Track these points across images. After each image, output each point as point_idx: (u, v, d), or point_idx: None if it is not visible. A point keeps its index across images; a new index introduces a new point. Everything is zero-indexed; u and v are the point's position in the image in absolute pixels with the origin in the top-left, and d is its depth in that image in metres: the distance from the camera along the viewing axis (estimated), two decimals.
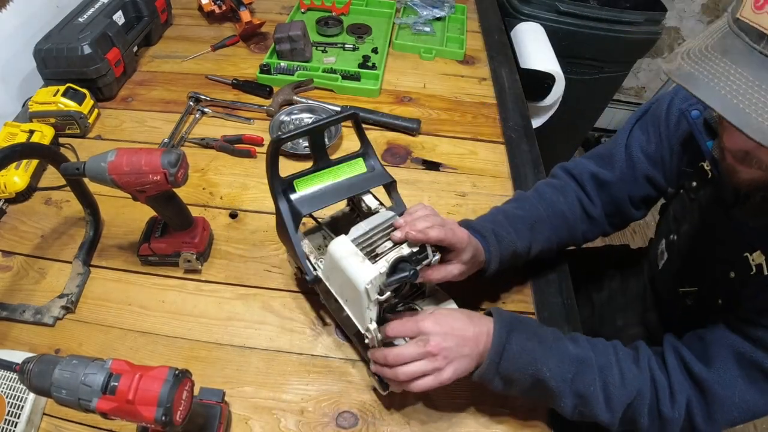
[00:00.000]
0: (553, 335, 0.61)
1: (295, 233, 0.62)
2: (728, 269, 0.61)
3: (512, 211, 0.73)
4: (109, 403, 0.45)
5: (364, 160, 0.66)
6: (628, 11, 1.55)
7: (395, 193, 0.67)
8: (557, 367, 0.57)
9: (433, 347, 0.55)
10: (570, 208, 0.76)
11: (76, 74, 1.00)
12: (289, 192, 0.62)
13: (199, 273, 0.79)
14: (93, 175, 0.64)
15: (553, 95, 1.37)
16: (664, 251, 0.79)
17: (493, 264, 0.67)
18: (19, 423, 0.60)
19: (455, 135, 1.05)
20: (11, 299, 0.74)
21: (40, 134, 0.92)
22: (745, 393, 0.55)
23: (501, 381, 0.59)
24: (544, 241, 0.73)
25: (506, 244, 0.68)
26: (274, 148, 0.59)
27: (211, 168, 0.95)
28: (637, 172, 0.74)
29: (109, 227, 0.85)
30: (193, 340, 0.71)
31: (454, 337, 0.57)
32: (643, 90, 2.34)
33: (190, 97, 1.07)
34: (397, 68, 1.21)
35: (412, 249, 0.57)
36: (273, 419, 0.64)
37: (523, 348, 0.58)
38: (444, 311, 0.60)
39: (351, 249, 0.57)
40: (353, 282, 0.55)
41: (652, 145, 0.73)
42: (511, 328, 0.58)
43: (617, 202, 0.77)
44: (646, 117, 0.75)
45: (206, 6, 1.28)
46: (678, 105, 0.70)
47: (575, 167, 0.80)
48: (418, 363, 0.56)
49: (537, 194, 0.77)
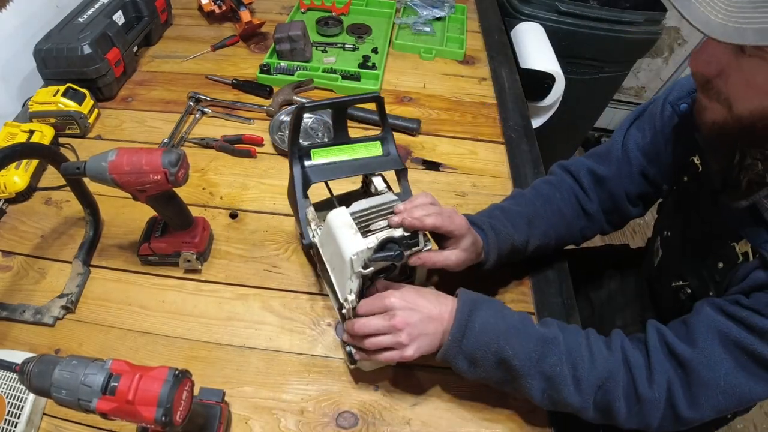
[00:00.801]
0: (520, 316, 0.61)
1: (302, 197, 0.65)
2: (717, 260, 0.62)
3: (509, 207, 0.74)
4: (109, 403, 0.45)
5: (382, 144, 0.69)
6: (628, 11, 1.55)
7: (405, 181, 0.69)
8: (521, 345, 0.57)
9: (398, 322, 0.57)
10: (566, 204, 0.76)
11: (76, 74, 1.00)
12: (305, 159, 0.65)
13: (199, 273, 0.79)
14: (93, 175, 0.64)
15: (553, 95, 1.37)
16: (659, 248, 0.80)
17: (492, 256, 0.68)
18: (19, 423, 0.60)
19: (455, 135, 1.05)
20: (11, 299, 0.74)
21: (40, 134, 0.92)
22: (731, 376, 0.53)
23: (465, 360, 0.59)
24: (541, 235, 0.73)
25: (504, 237, 0.69)
26: (298, 115, 0.62)
27: (211, 168, 0.95)
28: (633, 168, 0.75)
29: (109, 227, 0.85)
30: (193, 340, 0.71)
31: (419, 313, 0.59)
32: (643, 90, 2.34)
33: (190, 97, 1.07)
34: (397, 68, 1.21)
35: (404, 233, 0.59)
36: (273, 419, 0.64)
37: (486, 325, 0.58)
38: (411, 288, 0.61)
39: (347, 221, 0.60)
40: (341, 251, 0.58)
41: (648, 141, 0.74)
42: (474, 306, 0.59)
43: (614, 198, 0.77)
44: (643, 116, 0.76)
45: (206, 6, 1.28)
46: (670, 101, 0.71)
47: (572, 164, 0.80)
48: (383, 337, 0.59)
49: (534, 191, 0.78)
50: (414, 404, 0.66)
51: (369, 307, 0.61)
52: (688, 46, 2.12)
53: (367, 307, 0.61)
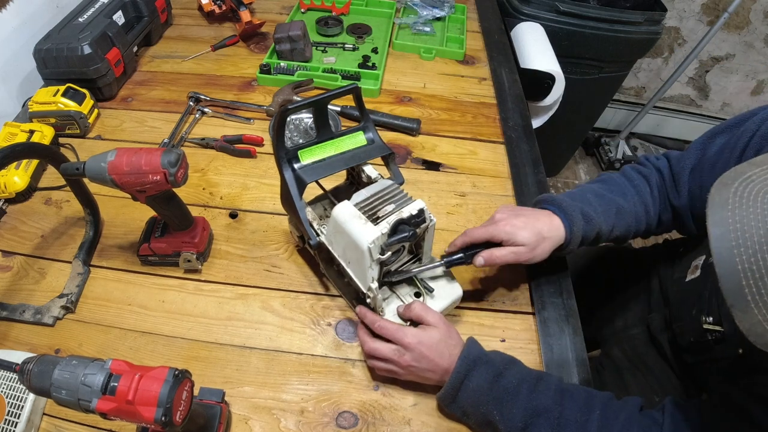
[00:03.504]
0: (519, 378, 0.59)
1: (300, 200, 0.65)
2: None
3: (603, 193, 0.72)
4: (109, 403, 0.45)
5: (364, 132, 0.70)
6: (628, 11, 1.55)
7: (393, 164, 0.71)
8: (509, 413, 0.57)
9: (404, 361, 0.61)
10: (653, 199, 0.73)
11: (76, 74, 1.00)
12: (294, 162, 0.65)
13: (199, 273, 0.79)
14: (93, 175, 0.64)
15: (553, 95, 1.37)
16: (699, 268, 0.75)
17: (575, 243, 0.69)
18: (19, 423, 0.60)
19: (455, 135, 1.05)
20: (11, 299, 0.74)
21: (40, 134, 0.92)
22: None
23: (459, 410, 0.62)
24: (625, 227, 0.72)
25: (593, 225, 0.68)
26: (281, 118, 0.62)
27: (211, 168, 0.95)
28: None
29: (109, 227, 0.85)
30: (193, 340, 0.71)
31: (427, 362, 0.61)
32: (643, 90, 2.34)
33: (190, 97, 1.07)
34: (397, 68, 1.21)
35: (411, 212, 0.61)
36: (273, 419, 0.64)
37: (478, 389, 0.59)
38: (436, 333, 0.62)
39: (354, 212, 0.61)
40: (356, 242, 0.59)
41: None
42: (473, 366, 0.60)
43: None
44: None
45: (206, 6, 1.28)
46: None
47: (677, 156, 0.74)
48: (385, 363, 0.63)
49: (625, 179, 0.75)
50: (414, 404, 0.66)
51: (389, 333, 0.62)
52: (688, 46, 2.12)
53: (388, 332, 0.62)
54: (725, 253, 0.38)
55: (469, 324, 0.74)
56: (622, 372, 0.84)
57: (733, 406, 0.54)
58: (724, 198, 0.40)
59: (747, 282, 0.37)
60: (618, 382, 0.83)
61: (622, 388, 0.82)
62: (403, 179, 0.70)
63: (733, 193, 0.40)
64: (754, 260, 0.37)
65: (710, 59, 2.18)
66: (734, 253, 0.38)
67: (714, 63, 2.19)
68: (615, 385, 0.83)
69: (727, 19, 1.77)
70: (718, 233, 0.39)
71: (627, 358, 0.85)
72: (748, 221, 0.38)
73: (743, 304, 0.37)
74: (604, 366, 0.88)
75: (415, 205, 0.62)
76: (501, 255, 0.66)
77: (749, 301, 0.37)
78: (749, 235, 0.38)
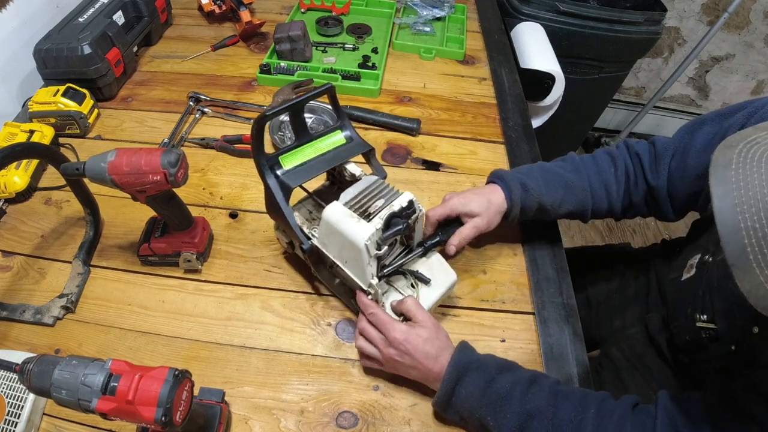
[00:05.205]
0: (512, 381, 0.59)
1: (287, 206, 0.65)
2: (752, 324, 0.57)
3: (550, 168, 0.76)
4: (109, 403, 0.45)
5: (342, 131, 0.70)
6: (628, 11, 1.55)
7: (374, 159, 0.72)
8: (503, 417, 0.57)
9: (386, 354, 0.62)
10: (617, 179, 0.74)
11: (76, 74, 1.00)
12: (276, 168, 0.65)
13: (199, 273, 0.79)
14: (93, 175, 0.64)
15: (553, 95, 1.37)
16: (694, 266, 0.75)
17: (515, 209, 0.73)
18: (19, 423, 0.60)
19: (455, 135, 1.05)
20: (11, 299, 0.74)
21: (40, 134, 0.92)
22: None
23: (456, 415, 0.62)
24: (577, 203, 0.74)
25: (532, 195, 0.73)
26: (259, 126, 0.61)
27: (211, 168, 0.95)
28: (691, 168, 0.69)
29: (109, 227, 0.85)
30: (193, 340, 0.71)
31: (410, 359, 0.61)
32: (643, 90, 2.34)
33: (190, 97, 1.07)
34: (397, 68, 1.21)
35: (401, 205, 0.62)
36: (273, 419, 0.64)
37: (469, 396, 0.59)
38: (425, 332, 0.62)
39: (345, 212, 0.61)
40: (352, 241, 0.59)
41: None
42: (464, 372, 0.60)
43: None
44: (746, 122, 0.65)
45: (206, 6, 1.28)
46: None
47: (663, 142, 0.74)
48: (370, 346, 0.65)
49: (591, 158, 0.77)
50: (414, 404, 0.66)
51: (380, 323, 0.63)
52: (688, 46, 2.12)
53: (378, 322, 0.64)
54: (728, 212, 0.38)
55: (469, 324, 0.74)
56: (620, 372, 0.84)
57: (728, 400, 0.54)
58: (727, 159, 0.40)
59: (749, 241, 0.37)
60: (617, 382, 0.83)
61: (620, 388, 0.82)
62: (386, 173, 0.71)
63: (737, 153, 0.40)
64: (757, 218, 0.37)
65: (710, 59, 2.18)
66: (737, 212, 0.38)
67: (714, 63, 2.19)
68: (614, 385, 0.83)
69: (727, 19, 1.78)
70: (720, 192, 0.39)
71: (625, 358, 0.85)
72: (752, 180, 0.38)
73: (745, 263, 0.37)
74: (603, 366, 0.88)
75: (404, 197, 0.63)
76: (466, 233, 0.72)
77: (751, 260, 0.37)
78: (753, 194, 0.38)
